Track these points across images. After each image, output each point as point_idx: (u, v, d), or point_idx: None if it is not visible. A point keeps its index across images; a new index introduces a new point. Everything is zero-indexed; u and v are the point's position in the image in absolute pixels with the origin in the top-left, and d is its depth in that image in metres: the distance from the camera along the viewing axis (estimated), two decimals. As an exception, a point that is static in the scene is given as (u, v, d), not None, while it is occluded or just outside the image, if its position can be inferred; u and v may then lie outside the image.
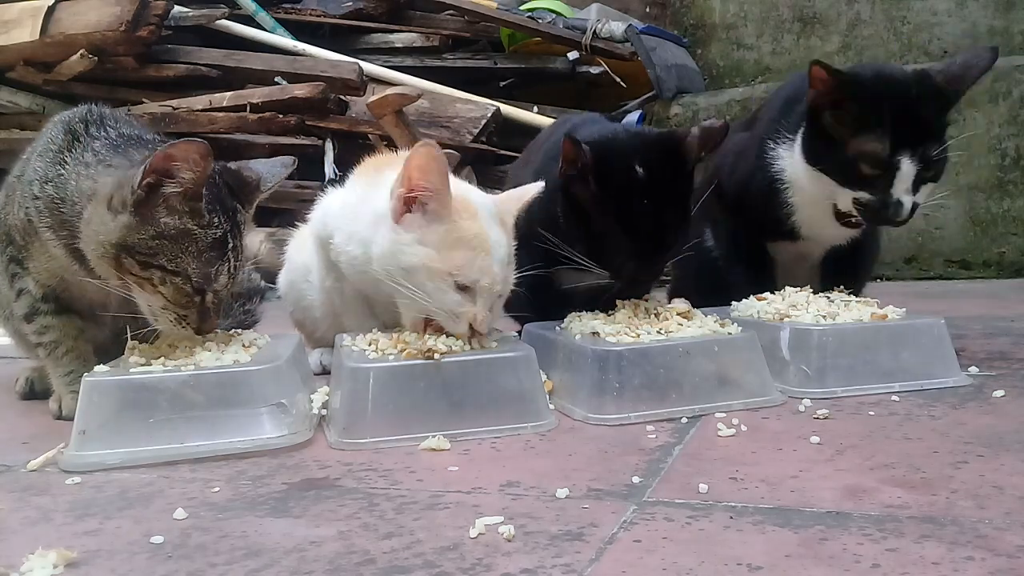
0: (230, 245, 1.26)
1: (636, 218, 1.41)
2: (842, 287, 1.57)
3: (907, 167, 1.49)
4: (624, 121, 3.62)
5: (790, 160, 1.64)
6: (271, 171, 1.39)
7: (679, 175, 1.46)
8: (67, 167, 1.29)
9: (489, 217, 1.33)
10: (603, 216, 1.42)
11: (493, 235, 1.31)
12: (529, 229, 1.54)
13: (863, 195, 1.53)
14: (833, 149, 1.54)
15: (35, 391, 1.55)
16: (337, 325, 1.60)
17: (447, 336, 1.28)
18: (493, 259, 1.29)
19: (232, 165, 1.36)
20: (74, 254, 1.29)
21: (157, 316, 1.26)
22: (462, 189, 1.37)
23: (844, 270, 1.70)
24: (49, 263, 1.36)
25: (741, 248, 1.75)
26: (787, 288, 1.58)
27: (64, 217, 1.28)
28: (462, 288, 1.27)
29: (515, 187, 1.71)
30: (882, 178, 1.50)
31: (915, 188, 1.51)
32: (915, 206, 1.52)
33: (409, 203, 1.29)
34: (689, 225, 1.48)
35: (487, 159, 3.51)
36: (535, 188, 1.43)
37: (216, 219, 1.24)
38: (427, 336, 1.28)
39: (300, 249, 1.71)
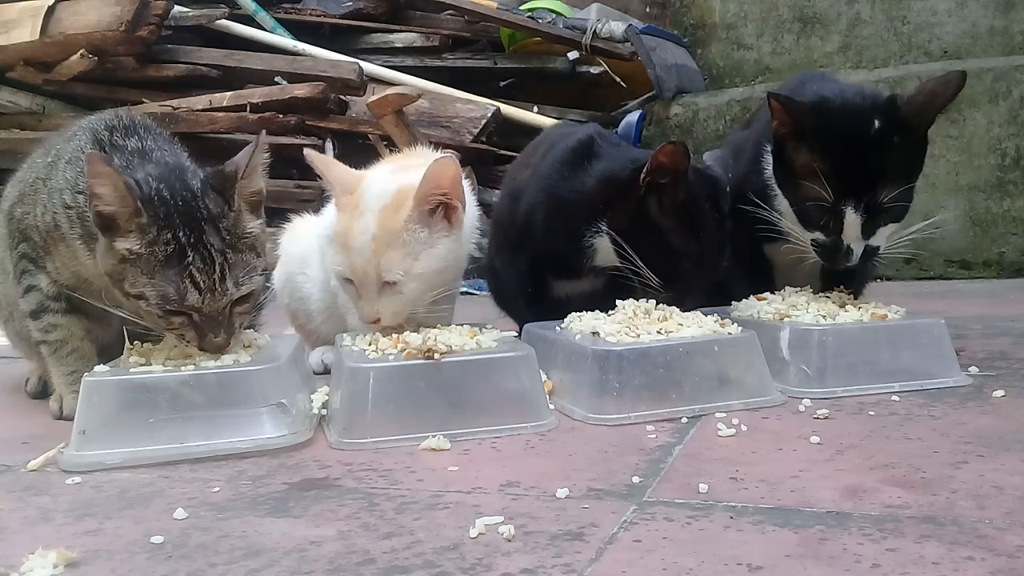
0: (188, 259, 1.18)
1: (707, 234, 1.48)
2: (842, 288, 1.57)
3: (851, 217, 1.44)
4: (624, 121, 3.63)
5: None
6: (244, 155, 1.29)
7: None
8: None
9: (369, 208, 1.36)
10: (680, 231, 1.47)
11: (358, 226, 1.35)
12: (549, 226, 1.57)
13: (819, 236, 1.49)
14: (792, 183, 1.51)
15: (48, 391, 1.52)
16: (333, 321, 1.60)
17: (447, 336, 1.29)
18: (352, 248, 1.35)
19: (214, 169, 1.31)
20: None
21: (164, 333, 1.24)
22: (365, 176, 1.43)
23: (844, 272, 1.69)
24: (76, 267, 1.35)
25: (740, 250, 1.73)
26: (787, 288, 1.58)
27: (92, 230, 1.27)
28: (351, 282, 1.38)
29: (511, 190, 1.73)
30: (831, 223, 1.46)
31: (867, 233, 1.46)
32: (871, 249, 1.48)
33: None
34: None
35: (487, 159, 3.51)
36: (448, 161, 1.38)
37: (166, 235, 1.18)
38: (428, 336, 1.29)
39: (295, 241, 1.73)
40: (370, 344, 1.31)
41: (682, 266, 1.48)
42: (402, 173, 1.44)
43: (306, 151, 1.41)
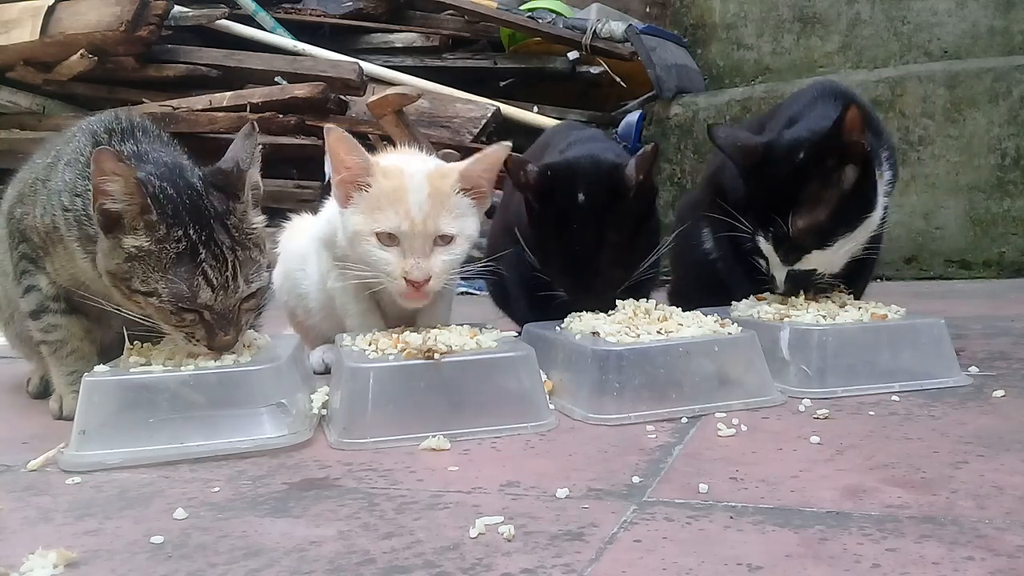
0: (200, 256, 1.19)
1: (569, 241, 1.47)
2: (842, 287, 1.57)
3: (763, 244, 1.49)
4: (624, 121, 3.63)
5: None
6: (241, 148, 1.31)
7: (618, 202, 1.48)
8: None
9: (416, 174, 1.39)
10: (544, 235, 1.50)
11: (412, 184, 1.37)
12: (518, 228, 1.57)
13: (761, 262, 1.52)
14: (745, 211, 1.52)
15: (49, 391, 1.51)
16: (333, 318, 1.60)
17: (447, 336, 1.29)
18: (409, 203, 1.36)
19: (211, 167, 1.31)
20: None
21: (172, 335, 1.23)
22: (396, 159, 1.48)
23: (844, 271, 1.69)
24: (74, 270, 1.35)
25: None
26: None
27: (89, 233, 1.27)
28: (390, 242, 1.37)
29: (511, 192, 1.74)
30: (758, 251, 1.51)
31: (788, 261, 1.48)
32: (801, 274, 1.48)
33: (348, 186, 1.40)
34: (632, 250, 1.50)
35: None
36: (503, 149, 1.44)
37: (177, 232, 1.18)
38: (428, 336, 1.29)
39: (295, 238, 1.74)
40: (370, 344, 1.31)
41: (551, 273, 1.50)
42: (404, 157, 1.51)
43: (326, 126, 1.42)
